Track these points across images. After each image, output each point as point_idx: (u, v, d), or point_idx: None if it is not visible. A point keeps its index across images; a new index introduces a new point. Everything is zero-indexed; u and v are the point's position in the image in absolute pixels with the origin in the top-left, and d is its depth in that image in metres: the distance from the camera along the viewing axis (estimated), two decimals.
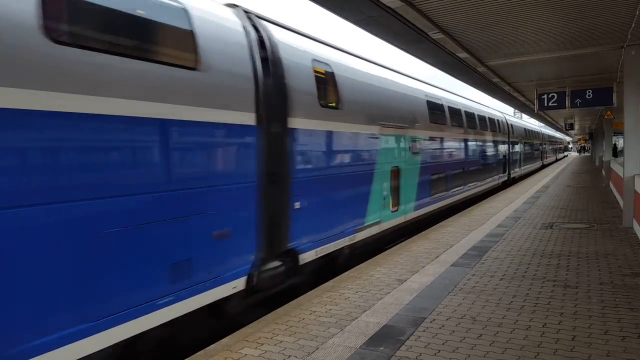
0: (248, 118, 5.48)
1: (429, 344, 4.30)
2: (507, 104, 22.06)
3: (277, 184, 6.02)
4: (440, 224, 11.25)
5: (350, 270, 7.07)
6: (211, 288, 4.91)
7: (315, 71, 7.07)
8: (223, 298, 5.13)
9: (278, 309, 5.43)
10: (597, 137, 36.84)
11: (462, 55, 10.10)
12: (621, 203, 11.48)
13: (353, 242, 7.94)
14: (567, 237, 8.97)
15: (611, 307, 5.09)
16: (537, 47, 9.85)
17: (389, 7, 6.65)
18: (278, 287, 6.25)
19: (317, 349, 4.27)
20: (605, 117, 20.60)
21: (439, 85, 14.25)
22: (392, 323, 4.84)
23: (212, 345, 4.47)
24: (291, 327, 4.84)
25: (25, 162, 3.38)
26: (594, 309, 5.05)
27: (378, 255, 7.99)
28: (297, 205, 6.38)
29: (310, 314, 5.21)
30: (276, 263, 6.05)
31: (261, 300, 6.05)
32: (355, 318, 5.02)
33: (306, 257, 6.65)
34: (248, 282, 5.52)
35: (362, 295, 5.79)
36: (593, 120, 32.82)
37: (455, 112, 14.20)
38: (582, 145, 75.87)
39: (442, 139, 12.82)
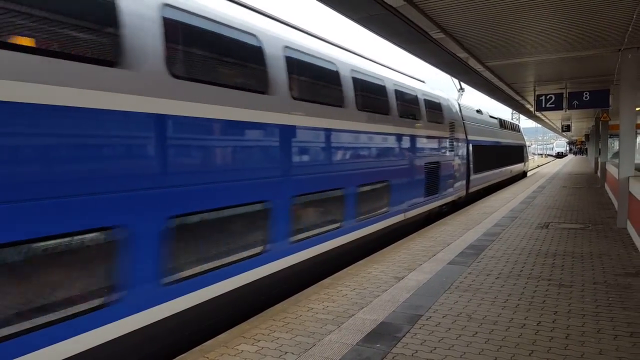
0: None
1: (425, 341, 4.35)
2: (505, 104, 22.10)
3: None
4: (439, 222, 11.31)
5: (348, 268, 7.11)
6: None
7: None
8: None
9: (275, 306, 5.47)
10: (593, 139, 36.98)
11: (462, 55, 10.14)
12: (616, 204, 11.57)
13: None
14: (563, 237, 9.04)
15: (604, 307, 5.16)
16: (537, 49, 9.90)
17: (390, 6, 6.68)
18: None
19: (314, 346, 4.32)
20: (602, 119, 20.73)
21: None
22: (389, 320, 4.89)
23: (208, 342, 4.50)
24: (288, 323, 4.89)
25: None
26: (587, 308, 5.12)
27: (376, 253, 8.04)
28: None
29: (308, 310, 5.26)
30: None
31: None
32: (352, 315, 5.07)
33: None
34: None
35: (359, 293, 5.84)
36: (590, 122, 32.95)
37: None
38: (580, 147, 76.32)
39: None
